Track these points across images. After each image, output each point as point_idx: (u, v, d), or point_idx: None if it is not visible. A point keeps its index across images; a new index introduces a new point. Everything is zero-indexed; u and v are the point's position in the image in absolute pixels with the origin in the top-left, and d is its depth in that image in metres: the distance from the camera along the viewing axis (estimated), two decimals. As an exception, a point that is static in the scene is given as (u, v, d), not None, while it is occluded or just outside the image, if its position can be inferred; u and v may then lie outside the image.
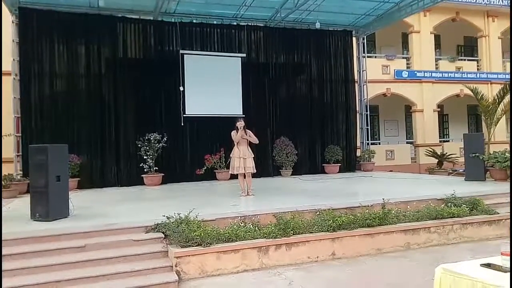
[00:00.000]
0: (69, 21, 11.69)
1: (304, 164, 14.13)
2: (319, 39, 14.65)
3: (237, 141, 8.60)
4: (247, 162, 8.59)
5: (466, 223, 6.85)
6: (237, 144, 8.62)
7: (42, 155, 6.41)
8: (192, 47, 12.97)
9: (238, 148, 8.61)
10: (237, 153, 8.61)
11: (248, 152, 8.68)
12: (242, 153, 8.58)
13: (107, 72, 12.14)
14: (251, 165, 8.66)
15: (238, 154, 8.59)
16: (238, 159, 8.56)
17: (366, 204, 6.88)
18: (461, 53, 22.17)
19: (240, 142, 8.61)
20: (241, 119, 8.85)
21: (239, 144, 8.61)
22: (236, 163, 8.57)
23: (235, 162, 8.60)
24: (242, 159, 8.55)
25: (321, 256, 5.92)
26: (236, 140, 8.60)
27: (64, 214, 6.67)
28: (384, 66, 18.51)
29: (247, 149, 8.68)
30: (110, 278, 4.91)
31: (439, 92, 19.23)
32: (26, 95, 11.34)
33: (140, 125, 12.17)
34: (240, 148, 8.60)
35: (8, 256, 5.04)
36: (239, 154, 8.58)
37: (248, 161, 8.60)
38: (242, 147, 8.61)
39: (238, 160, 8.56)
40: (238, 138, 8.57)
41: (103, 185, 11.67)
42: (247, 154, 8.65)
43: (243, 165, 8.55)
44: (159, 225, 5.80)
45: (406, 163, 18.12)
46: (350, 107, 15.06)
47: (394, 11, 13.90)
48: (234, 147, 8.71)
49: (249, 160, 8.62)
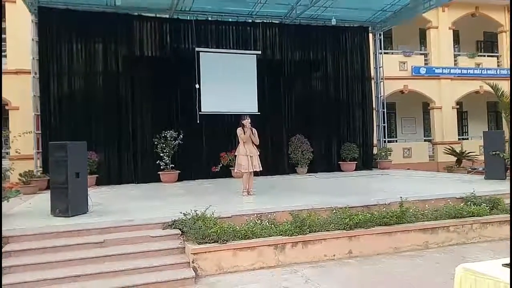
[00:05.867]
0: (87, 20, 11.86)
1: (320, 162, 14.04)
2: (335, 35, 14.54)
3: (245, 140, 8.41)
4: (254, 160, 8.44)
5: (486, 222, 6.74)
6: (244, 142, 8.45)
7: (61, 152, 6.52)
8: (208, 45, 13.03)
9: (245, 146, 8.43)
10: (243, 151, 8.41)
11: (254, 150, 8.52)
12: (248, 151, 8.42)
13: (124, 70, 12.30)
14: (257, 163, 8.52)
15: (245, 152, 8.40)
16: (245, 157, 8.38)
17: (383, 203, 6.83)
18: (481, 49, 21.71)
19: (247, 140, 8.46)
20: (247, 116, 8.62)
21: (246, 142, 8.44)
22: (244, 161, 8.37)
23: (242, 161, 8.40)
24: (249, 157, 8.40)
25: (337, 254, 5.89)
26: (245, 140, 8.40)
27: (83, 210, 6.79)
28: (401, 62, 18.22)
29: (252, 147, 8.49)
30: (128, 274, 4.98)
31: (458, 89, 18.86)
32: (45, 93, 11.56)
33: (156, 122, 12.29)
34: (246, 146, 8.43)
35: (28, 251, 5.17)
36: (245, 152, 8.40)
37: (254, 159, 8.46)
38: (248, 145, 8.44)
39: (245, 158, 8.38)
40: (247, 138, 8.39)
41: (120, 182, 11.83)
42: (254, 152, 8.50)
43: (251, 163, 8.41)
44: (176, 222, 5.86)
45: (424, 161, 17.86)
46: (366, 104, 14.91)
47: (411, 7, 13.67)
48: (240, 145, 8.52)
49: (255, 158, 8.49)
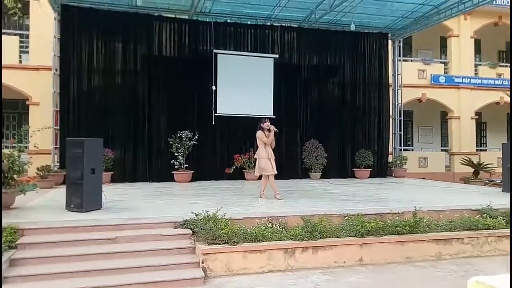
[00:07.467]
0: (108, 19, 12.07)
1: (334, 167, 13.96)
2: (353, 41, 14.47)
3: (268, 143, 8.46)
4: (273, 163, 8.50)
5: (502, 235, 6.59)
6: (265, 145, 8.49)
7: (78, 148, 6.62)
8: (226, 47, 13.11)
9: (266, 149, 8.46)
10: (265, 154, 8.43)
11: (272, 153, 8.56)
12: (270, 154, 8.47)
13: (142, 69, 12.46)
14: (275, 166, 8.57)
15: (267, 155, 8.43)
16: (267, 160, 8.42)
17: (396, 211, 6.73)
18: (503, 59, 21.32)
19: (268, 143, 8.49)
20: (267, 120, 8.68)
21: (266, 145, 8.49)
22: (267, 164, 8.39)
23: (265, 164, 8.40)
24: (271, 160, 8.46)
25: (348, 261, 5.83)
26: (268, 143, 8.46)
27: (97, 206, 6.88)
28: (420, 70, 18.03)
29: (271, 150, 8.56)
30: (139, 271, 5.01)
31: (478, 99, 18.56)
32: (65, 90, 11.78)
33: (172, 122, 12.41)
34: (267, 149, 8.47)
35: (41, 244, 5.25)
36: (267, 155, 8.43)
37: (273, 162, 8.51)
38: (268, 148, 8.49)
39: (267, 161, 8.41)
40: (270, 141, 8.45)
41: (135, 180, 11.97)
42: (272, 155, 8.54)
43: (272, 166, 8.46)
44: (188, 222, 5.88)
45: (440, 171, 17.61)
46: (383, 112, 14.78)
47: (433, 14, 13.53)
48: (260, 148, 8.50)
49: (273, 161, 8.53)
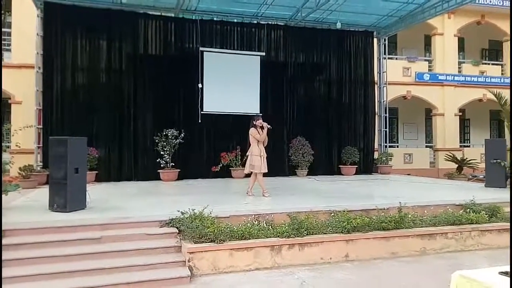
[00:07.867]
0: (92, 16, 11.87)
1: (320, 164, 14.02)
2: (339, 39, 14.54)
3: (261, 140, 8.44)
4: (264, 161, 8.47)
5: (485, 230, 6.71)
6: (258, 142, 8.46)
7: (61, 147, 6.52)
8: (212, 45, 13.03)
9: (258, 146, 8.44)
10: (257, 151, 8.39)
11: (264, 151, 8.55)
12: (262, 151, 8.45)
13: (128, 67, 12.31)
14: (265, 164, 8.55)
15: (259, 152, 8.40)
16: (259, 157, 8.37)
17: (382, 207, 6.79)
18: (485, 57, 21.69)
19: (261, 140, 8.47)
20: (260, 117, 8.64)
21: (259, 142, 8.46)
22: (258, 162, 8.35)
23: (256, 161, 8.34)
24: (262, 158, 8.41)
25: (334, 258, 5.87)
26: (262, 140, 8.44)
27: (82, 205, 6.79)
28: (405, 68, 18.22)
29: (263, 148, 8.55)
30: (124, 270, 4.97)
31: (461, 96, 18.85)
32: (49, 88, 11.57)
33: (158, 120, 12.30)
34: (260, 146, 8.45)
35: (26, 245, 5.17)
36: (259, 153, 8.40)
37: (264, 160, 8.49)
38: (261, 146, 8.47)
39: (259, 159, 8.37)
40: (263, 138, 8.44)
41: (120, 179, 11.84)
42: (264, 153, 8.52)
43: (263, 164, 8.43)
44: (174, 220, 5.84)
45: (425, 167, 17.84)
46: (368, 109, 14.90)
47: (417, 13, 13.68)
48: (253, 145, 8.45)
49: (264, 159, 8.51)
